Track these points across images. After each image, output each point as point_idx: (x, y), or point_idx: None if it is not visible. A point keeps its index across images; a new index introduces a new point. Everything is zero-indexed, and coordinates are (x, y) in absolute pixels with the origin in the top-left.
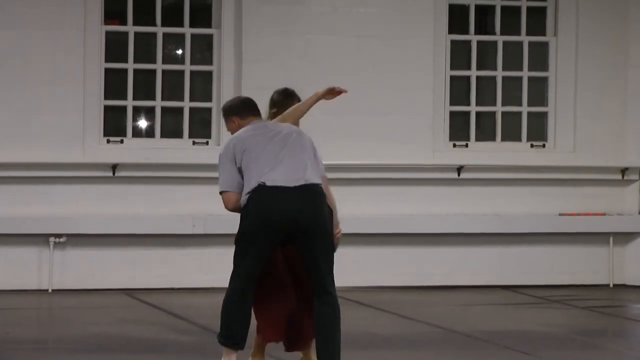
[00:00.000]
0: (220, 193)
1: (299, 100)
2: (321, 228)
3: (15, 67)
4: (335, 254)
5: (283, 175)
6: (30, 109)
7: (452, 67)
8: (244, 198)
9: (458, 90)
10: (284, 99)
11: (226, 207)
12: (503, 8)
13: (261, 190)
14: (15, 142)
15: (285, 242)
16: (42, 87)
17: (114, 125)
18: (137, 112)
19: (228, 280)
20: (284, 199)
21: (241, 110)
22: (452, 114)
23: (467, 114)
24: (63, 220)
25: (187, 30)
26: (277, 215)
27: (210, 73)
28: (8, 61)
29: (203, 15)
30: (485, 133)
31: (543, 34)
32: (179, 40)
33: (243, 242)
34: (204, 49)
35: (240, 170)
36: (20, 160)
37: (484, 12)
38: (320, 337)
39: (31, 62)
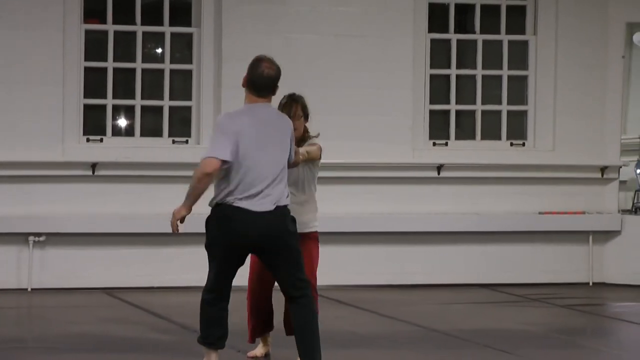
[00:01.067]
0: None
1: (303, 105)
2: (284, 246)
3: None
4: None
5: (254, 198)
6: (10, 108)
7: (432, 66)
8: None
9: (438, 88)
10: (286, 102)
11: (202, 171)
12: (483, 7)
13: (227, 208)
14: None
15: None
16: (22, 86)
17: (94, 124)
18: (116, 111)
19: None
20: (250, 223)
21: (254, 88)
22: (432, 113)
23: (447, 112)
24: (42, 219)
25: (167, 29)
26: (239, 237)
27: (190, 72)
28: None
29: (183, 14)
30: (465, 132)
31: (523, 32)
32: (158, 39)
33: (211, 251)
34: (183, 48)
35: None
36: None
37: (463, 11)
38: (298, 337)
39: (10, 61)
